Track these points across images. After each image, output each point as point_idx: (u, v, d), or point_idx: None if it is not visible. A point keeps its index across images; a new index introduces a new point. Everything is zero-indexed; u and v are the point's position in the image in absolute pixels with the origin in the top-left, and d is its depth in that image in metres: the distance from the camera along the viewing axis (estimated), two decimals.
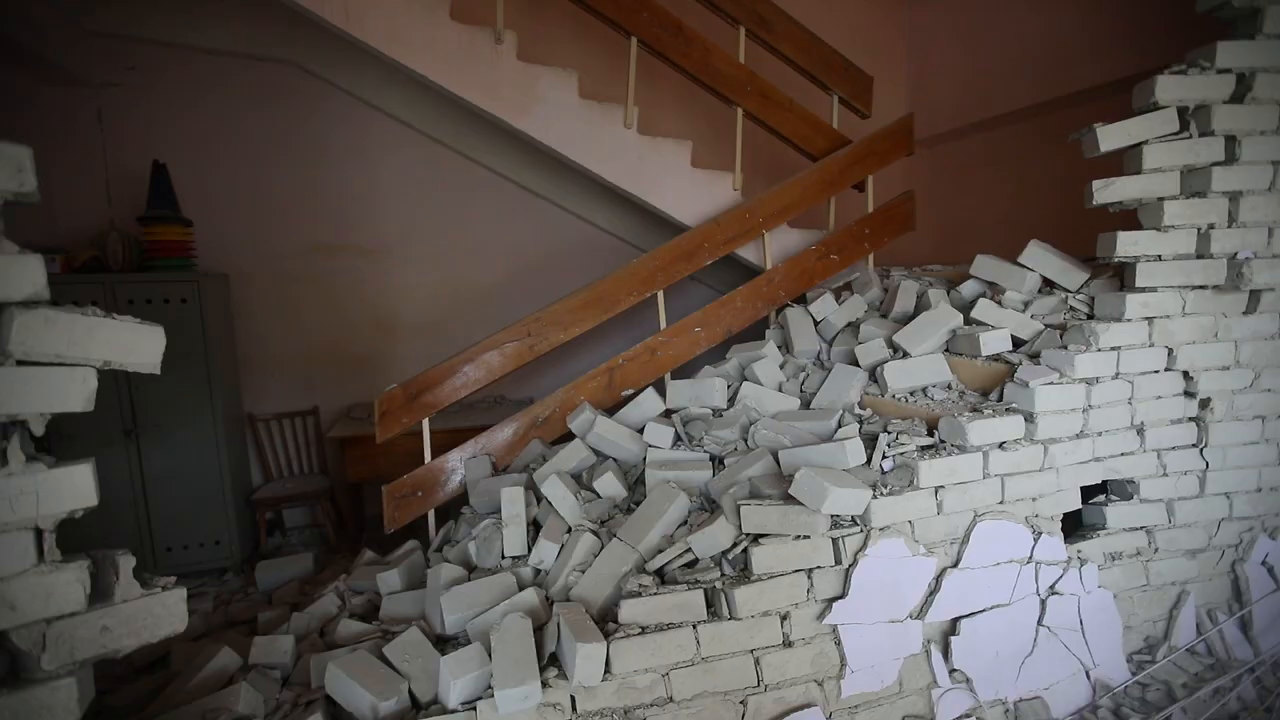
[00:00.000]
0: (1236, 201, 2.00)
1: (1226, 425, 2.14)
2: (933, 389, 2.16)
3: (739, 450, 2.15)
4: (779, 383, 2.48)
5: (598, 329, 2.99)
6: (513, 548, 2.10)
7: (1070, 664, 2.00)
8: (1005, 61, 3.97)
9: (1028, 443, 1.89)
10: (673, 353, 2.85)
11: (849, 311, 2.69)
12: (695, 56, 3.02)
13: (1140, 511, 2.12)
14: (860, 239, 3.07)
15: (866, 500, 1.69)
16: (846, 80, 3.35)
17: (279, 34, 3.33)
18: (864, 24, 4.54)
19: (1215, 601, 2.23)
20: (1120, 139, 1.99)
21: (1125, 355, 2.00)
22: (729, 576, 1.72)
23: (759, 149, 3.83)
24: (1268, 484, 2.23)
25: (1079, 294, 2.20)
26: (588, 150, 3.01)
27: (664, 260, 2.88)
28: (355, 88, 3.51)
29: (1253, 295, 2.07)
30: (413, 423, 2.63)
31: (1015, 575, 1.92)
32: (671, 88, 3.83)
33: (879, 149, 3.14)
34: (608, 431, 2.34)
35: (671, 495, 1.92)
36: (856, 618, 1.73)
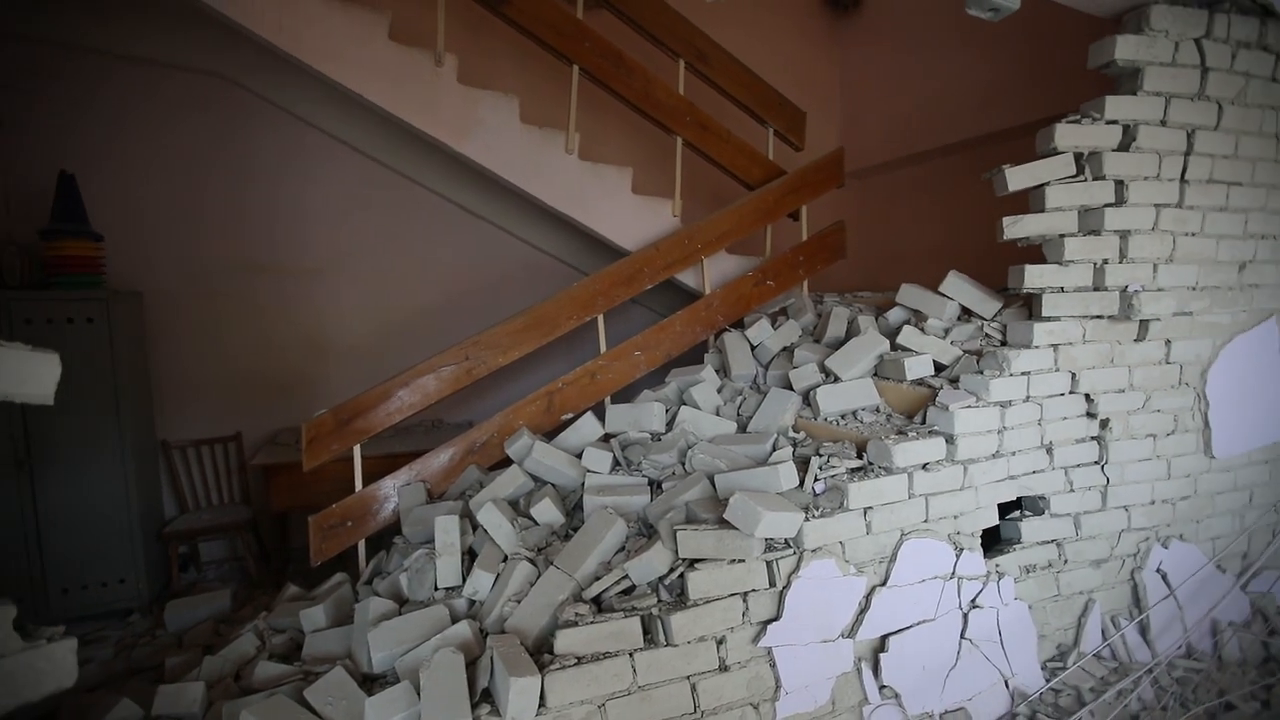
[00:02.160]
0: (1126, 239, 2.19)
1: (1123, 443, 2.31)
2: (862, 412, 2.25)
3: (677, 474, 2.17)
4: (716, 406, 2.52)
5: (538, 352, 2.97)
6: (446, 578, 2.04)
7: (991, 674, 2.09)
8: (928, 102, 4.24)
9: (949, 463, 1.99)
10: (613, 376, 2.86)
11: (784, 336, 2.78)
12: (636, 86, 3.09)
13: (1051, 526, 2.26)
14: (795, 266, 3.18)
15: (799, 523, 1.74)
16: (781, 114, 3.50)
17: (207, 44, 3.21)
18: (799, 61, 4.76)
19: (1118, 608, 2.38)
20: (1025, 180, 2.15)
21: (1034, 379, 2.14)
22: (666, 603, 1.73)
23: (699, 177, 3.93)
24: (1160, 497, 2.41)
25: (993, 322, 2.35)
26: (529, 174, 3.02)
27: (604, 284, 2.90)
28: (288, 102, 3.40)
29: (1142, 324, 2.26)
30: (343, 449, 2.53)
31: (940, 591, 2.01)
32: (614, 115, 3.89)
33: (812, 180, 3.28)
34: (545, 457, 2.32)
35: (609, 521, 1.91)
36: (790, 639, 1.76)
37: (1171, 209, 2.24)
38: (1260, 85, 2.32)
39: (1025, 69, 3.50)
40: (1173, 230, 2.25)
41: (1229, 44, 2.23)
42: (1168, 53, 2.16)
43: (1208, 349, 2.41)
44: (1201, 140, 2.24)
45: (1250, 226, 2.40)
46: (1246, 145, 2.33)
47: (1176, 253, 2.27)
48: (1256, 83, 2.31)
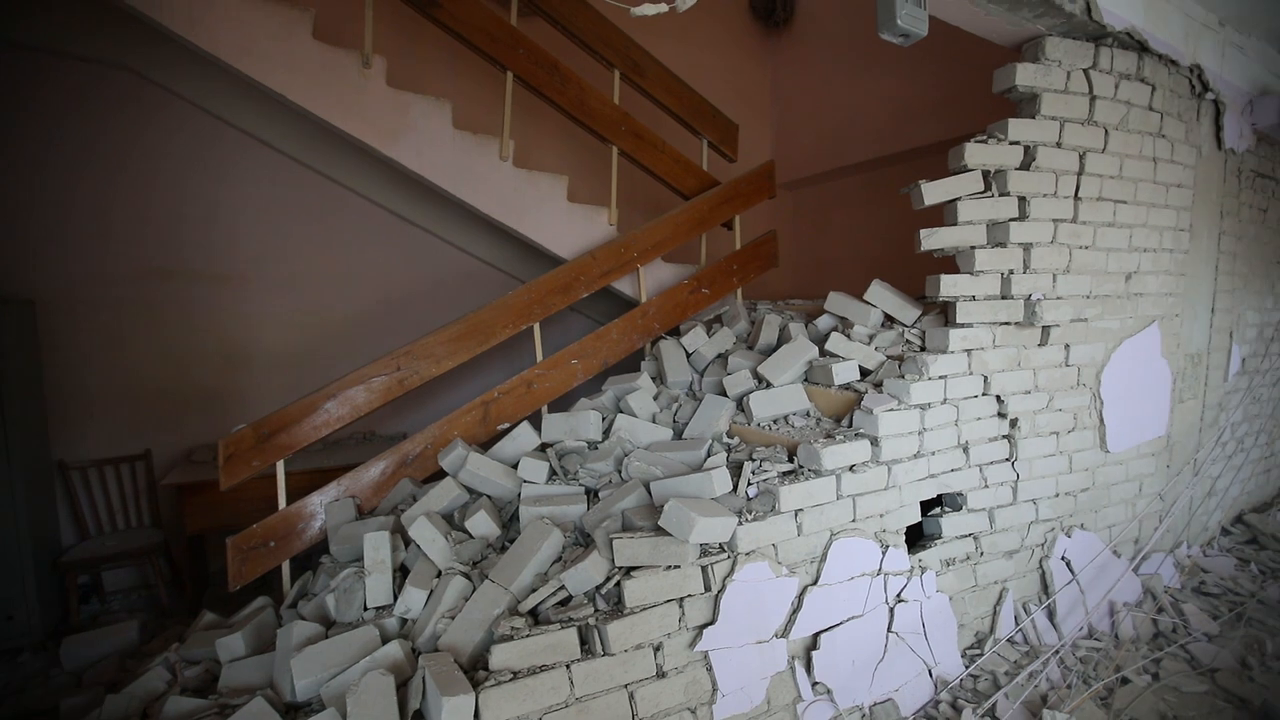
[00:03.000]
0: (1029, 251, 2.35)
1: (1030, 441, 2.48)
2: (794, 416, 2.32)
3: (614, 482, 2.17)
4: (653, 414, 2.55)
5: (474, 361, 2.93)
6: (376, 597, 1.97)
7: (916, 665, 2.19)
8: (854, 118, 4.45)
9: (874, 464, 2.08)
10: (550, 385, 2.85)
11: (719, 343, 2.84)
12: (571, 95, 3.10)
13: (968, 520, 2.39)
14: (729, 274, 3.25)
15: (732, 527, 1.77)
16: (714, 126, 3.58)
17: (110, 35, 2.99)
18: (732, 76, 4.89)
19: (1028, 595, 2.55)
20: (939, 195, 2.28)
21: (951, 383, 2.27)
22: (602, 612, 1.72)
23: (635, 187, 3.97)
24: (1063, 489, 2.60)
25: (913, 328, 2.48)
26: (461, 181, 2.97)
27: (540, 292, 2.88)
28: (202, 99, 3.21)
29: (1044, 330, 2.43)
30: (265, 465, 2.41)
31: (868, 587, 2.09)
32: (550, 123, 3.89)
33: (744, 191, 3.37)
34: (480, 468, 2.28)
35: (545, 532, 1.90)
36: (726, 642, 1.79)
37: (1067, 224, 2.42)
38: (1139, 113, 2.55)
39: (943, 90, 3.73)
40: (1069, 243, 2.43)
41: (1112, 75, 2.44)
42: (1061, 81, 2.34)
43: (1101, 352, 2.62)
44: (1091, 161, 2.44)
45: (1134, 241, 2.63)
46: (1129, 167, 2.56)
47: (1073, 264, 2.46)
48: (1136, 111, 2.54)
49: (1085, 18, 2.21)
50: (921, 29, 1.49)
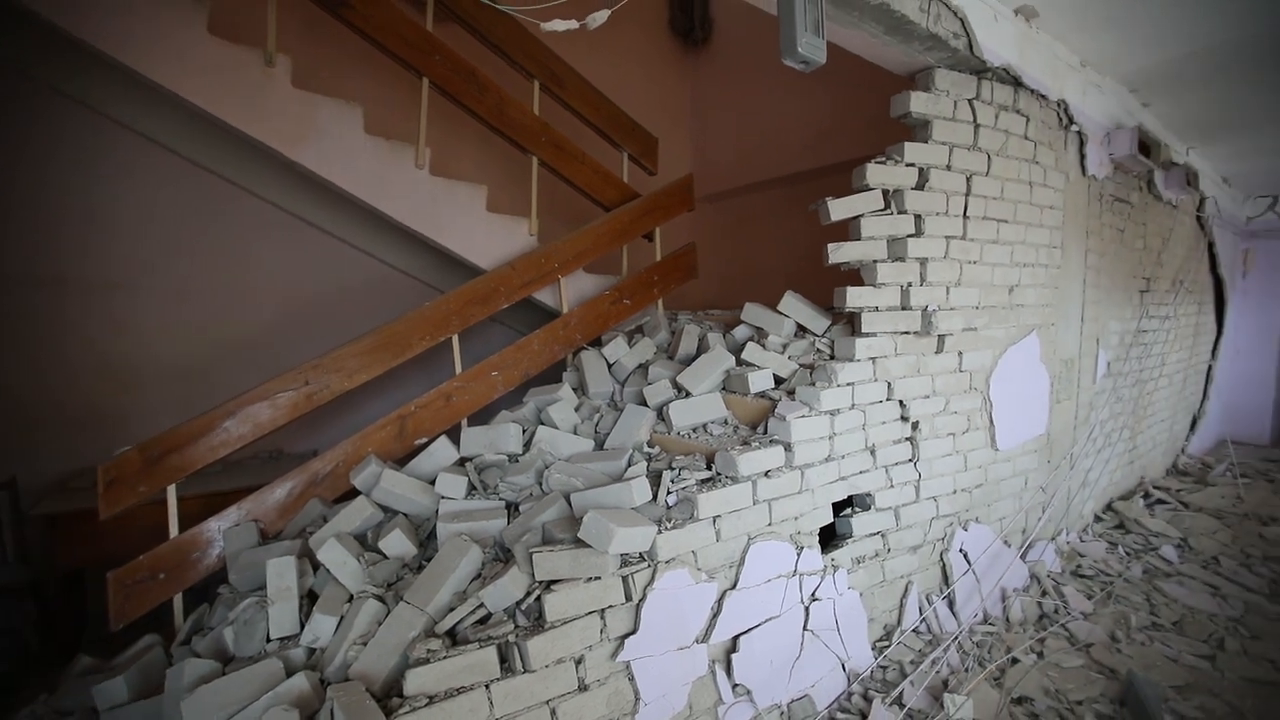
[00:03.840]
0: (925, 265, 2.53)
1: (930, 442, 2.65)
2: (712, 425, 2.38)
3: (535, 495, 2.15)
4: (574, 425, 2.55)
5: (391, 375, 2.82)
6: (281, 627, 1.85)
7: (830, 660, 2.29)
8: (768, 136, 4.63)
9: (788, 469, 2.17)
10: (469, 398, 2.79)
11: (640, 353, 2.87)
12: (490, 104, 3.06)
13: (876, 519, 2.53)
14: (650, 285, 3.30)
15: (652, 536, 1.80)
16: (634, 139, 3.64)
17: None
18: (653, 90, 4.99)
19: (931, 587, 2.72)
20: (844, 211, 2.42)
21: (858, 389, 2.40)
22: (523, 628, 1.70)
23: (556, 197, 3.97)
24: (960, 486, 2.80)
25: (824, 338, 2.60)
26: (375, 188, 2.87)
27: (459, 303, 2.83)
28: (78, 90, 2.94)
29: (940, 339, 2.62)
30: (153, 491, 2.23)
31: (784, 588, 2.17)
32: (470, 132, 3.82)
33: (663, 204, 3.44)
34: (395, 485, 2.20)
35: (463, 549, 1.85)
36: (648, 650, 1.81)
37: (958, 240, 2.63)
38: (1017, 141, 2.80)
39: (851, 112, 3.96)
40: (959, 259, 2.64)
41: (993, 105, 2.68)
42: (949, 109, 2.54)
43: (989, 359, 2.85)
44: (977, 184, 2.66)
45: (1015, 256, 2.88)
46: (1009, 189, 2.81)
47: (963, 277, 2.66)
48: (1014, 139, 2.79)
49: (968, 53, 2.42)
50: (820, 57, 1.59)
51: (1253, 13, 2.61)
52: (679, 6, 5.15)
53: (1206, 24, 2.73)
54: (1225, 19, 2.68)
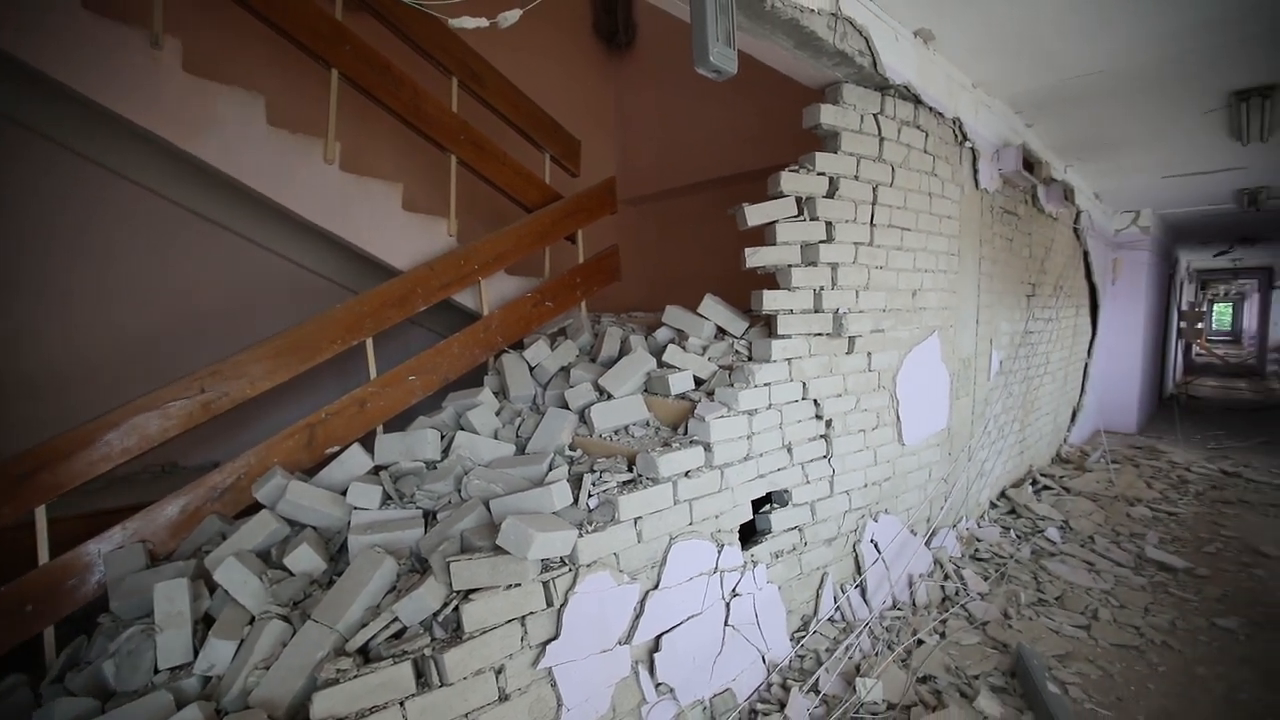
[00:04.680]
0: (836, 270, 2.66)
1: (843, 439, 2.78)
2: (634, 427, 2.40)
3: (453, 503, 2.10)
4: (495, 429, 2.50)
5: (301, 381, 2.68)
6: (171, 656, 1.72)
7: (751, 653, 2.36)
8: (691, 141, 4.72)
9: (708, 469, 2.21)
10: (385, 403, 2.68)
11: (562, 356, 2.86)
12: (405, 99, 2.96)
13: (794, 514, 2.62)
14: (573, 287, 3.29)
15: (573, 540, 1.79)
16: (557, 140, 3.62)
17: None
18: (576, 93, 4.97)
19: (844, 577, 2.85)
20: (760, 217, 2.50)
21: (775, 389, 2.48)
22: (440, 640, 1.65)
23: (478, 198, 3.88)
24: (870, 480, 2.95)
25: (742, 339, 2.68)
26: (280, 184, 2.72)
27: (373, 305, 2.72)
28: None
29: (850, 340, 2.75)
30: (19, 513, 2.01)
31: (705, 586, 2.21)
32: (387, 129, 3.68)
33: (585, 206, 3.43)
34: (303, 497, 2.09)
35: (377, 561, 1.78)
36: (570, 655, 1.80)
37: (866, 247, 2.77)
38: (918, 155, 2.99)
39: (771, 120, 4.09)
40: (867, 264, 2.78)
41: (896, 121, 2.85)
42: (856, 123, 2.68)
43: (895, 359, 3.02)
44: (882, 194, 2.82)
45: (918, 262, 3.07)
46: (912, 200, 2.99)
47: (871, 282, 2.81)
48: (915, 152, 2.97)
49: (872, 70, 2.56)
50: (731, 66, 1.64)
51: (1124, 48, 2.90)
52: (603, 9, 5.16)
53: (1081, 55, 3.01)
54: (1097, 52, 2.96)
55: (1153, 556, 3.69)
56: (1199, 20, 2.63)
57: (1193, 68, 3.11)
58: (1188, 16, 2.61)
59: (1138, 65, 3.09)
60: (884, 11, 2.59)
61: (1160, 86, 3.36)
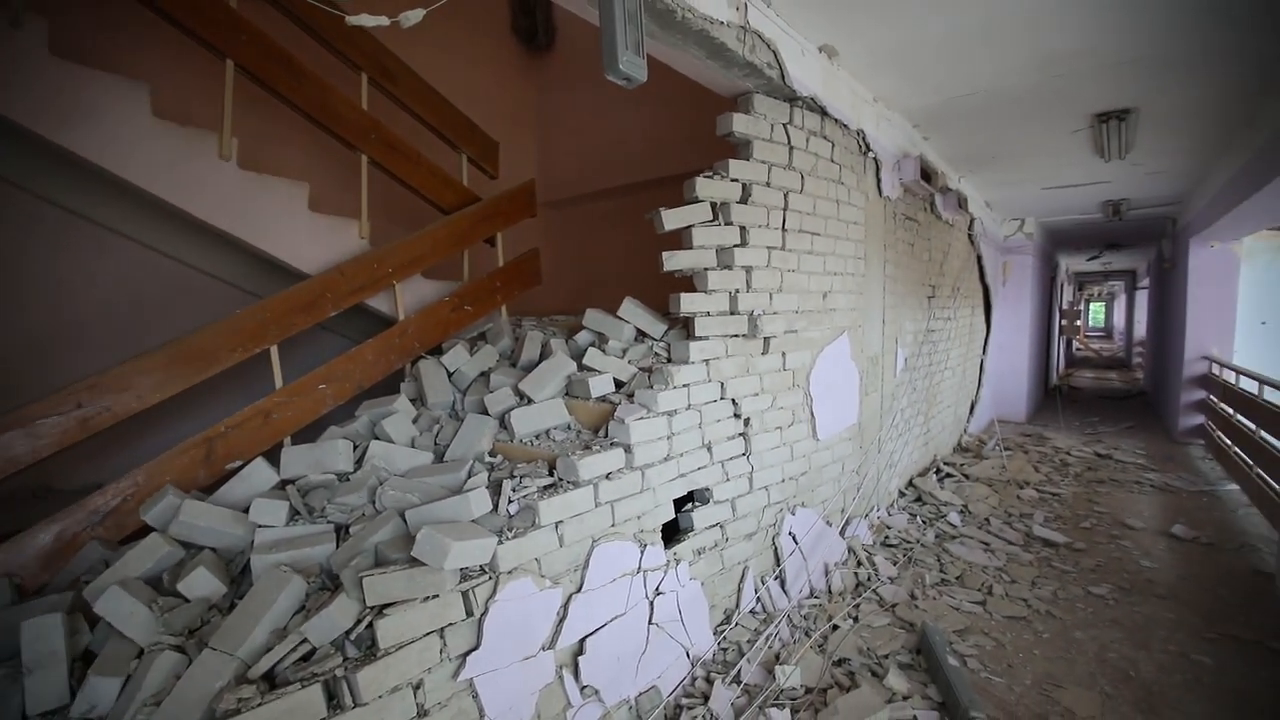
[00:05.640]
0: (750, 273, 2.75)
1: (760, 436, 2.88)
2: (555, 431, 2.39)
3: (368, 515, 2.02)
4: (412, 437, 2.43)
5: (201, 393, 2.50)
6: (43, 700, 1.56)
7: (675, 650, 2.40)
8: (612, 145, 4.75)
9: (629, 470, 2.24)
10: (293, 414, 2.55)
11: (482, 361, 2.81)
12: (309, 94, 2.82)
13: (715, 512, 2.69)
14: (493, 291, 3.24)
15: (492, 547, 1.77)
16: (474, 142, 3.55)
17: None
18: (495, 94, 4.90)
19: (765, 569, 2.96)
20: (677, 221, 2.55)
21: (694, 390, 2.54)
22: (353, 659, 1.59)
23: (394, 200, 3.75)
24: (787, 475, 3.07)
25: (661, 342, 2.73)
26: (168, 180, 2.53)
27: (278, 311, 2.57)
28: None
29: (765, 341, 2.86)
30: None
31: (629, 586, 2.24)
32: (296, 126, 3.48)
33: (505, 209, 3.39)
34: (199, 517, 1.95)
35: (283, 580, 1.69)
36: (492, 665, 1.77)
37: (778, 251, 2.89)
38: (825, 163, 3.15)
39: (688, 126, 4.17)
40: (780, 267, 2.90)
41: (804, 130, 2.99)
42: (767, 131, 2.79)
43: (809, 358, 3.16)
44: (793, 200, 2.95)
45: (827, 266, 3.23)
46: (820, 206, 3.14)
47: (784, 284, 2.93)
48: (823, 161, 3.13)
49: (781, 82, 2.67)
50: (640, 74, 1.67)
51: (1000, 70, 3.16)
52: (521, 10, 5.11)
53: (963, 77, 3.26)
54: (978, 74, 3.22)
55: (1039, 534, 4.04)
56: (1063, 49, 2.92)
57: (1060, 91, 3.44)
58: (1053, 45, 2.88)
59: (1013, 87, 3.38)
60: (790, 27, 2.71)
61: (1034, 107, 3.70)
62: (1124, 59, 3.02)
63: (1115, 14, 2.59)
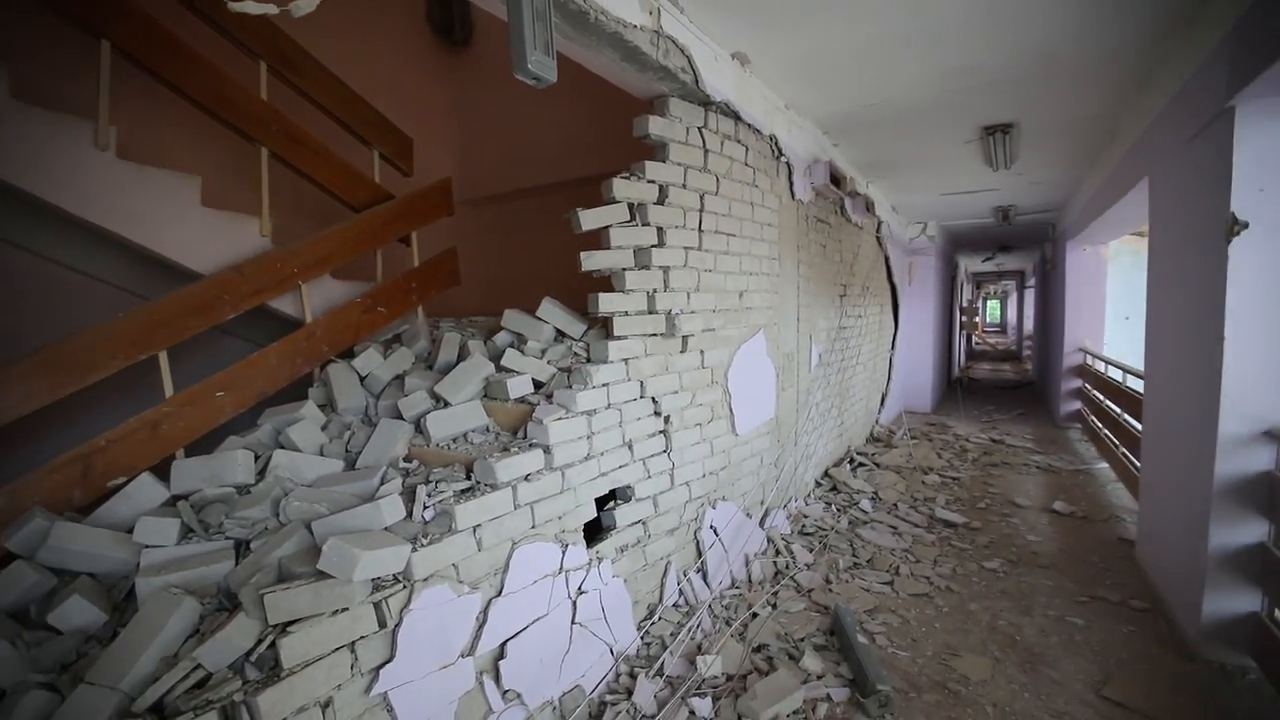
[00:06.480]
0: (668, 273, 2.80)
1: (681, 433, 2.94)
2: (473, 433, 2.35)
3: (271, 529, 1.92)
4: (321, 445, 2.32)
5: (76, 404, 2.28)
6: None
7: (599, 648, 2.42)
8: (532, 144, 4.70)
9: (548, 471, 2.23)
10: (185, 425, 2.37)
11: (396, 364, 2.72)
12: (200, 81, 2.64)
13: (637, 509, 2.73)
14: (408, 292, 3.14)
15: (406, 555, 1.72)
16: (387, 138, 3.43)
17: None
18: (413, 91, 4.73)
19: (687, 563, 3.02)
20: (594, 222, 2.56)
21: (613, 389, 2.56)
22: (254, 682, 1.50)
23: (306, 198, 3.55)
24: (708, 470, 3.15)
25: (580, 341, 2.73)
26: (35, 172, 2.29)
27: (169, 313, 2.39)
28: None
29: (684, 339, 2.92)
30: None
31: (550, 587, 2.23)
32: (189, 117, 3.23)
33: (420, 207, 3.29)
34: (74, 540, 1.79)
35: (172, 604, 1.58)
36: (408, 676, 1.73)
37: (695, 251, 2.95)
38: (740, 167, 3.25)
39: (608, 126, 4.19)
40: (697, 267, 2.97)
41: (719, 134, 3.07)
42: (683, 134, 2.85)
43: (726, 355, 3.25)
44: (709, 202, 3.02)
45: (743, 266, 3.33)
46: (736, 208, 3.24)
47: (701, 284, 3.00)
48: (737, 165, 3.23)
49: (695, 86, 2.73)
50: (550, 75, 1.67)
51: (898, 83, 3.36)
52: (437, 2, 4.96)
53: (874, 86, 3.45)
54: (878, 85, 3.41)
55: (941, 516, 4.33)
56: (956, 65, 3.14)
57: (953, 105, 3.70)
58: (948, 62, 3.10)
59: (913, 99, 3.61)
60: (703, 33, 2.78)
61: (931, 118, 3.96)
62: (1007, 77, 3.29)
63: (1000, 36, 2.81)
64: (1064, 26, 2.73)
